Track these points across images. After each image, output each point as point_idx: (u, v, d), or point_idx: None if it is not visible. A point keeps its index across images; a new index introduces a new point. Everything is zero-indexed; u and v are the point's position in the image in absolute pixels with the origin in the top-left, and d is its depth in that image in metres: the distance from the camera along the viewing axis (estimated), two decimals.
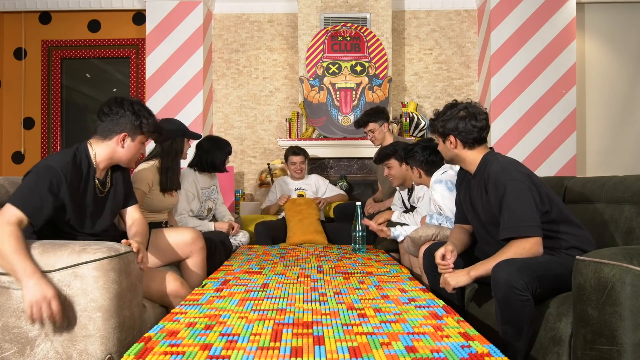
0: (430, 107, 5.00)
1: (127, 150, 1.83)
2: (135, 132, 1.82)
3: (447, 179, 2.43)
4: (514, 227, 1.65)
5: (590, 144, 4.92)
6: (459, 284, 1.72)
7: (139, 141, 1.85)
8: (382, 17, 4.70)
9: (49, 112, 5.17)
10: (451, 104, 1.92)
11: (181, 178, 2.95)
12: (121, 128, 1.79)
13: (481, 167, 1.86)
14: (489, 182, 1.77)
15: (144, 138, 1.87)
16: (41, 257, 1.46)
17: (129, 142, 1.82)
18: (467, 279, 1.72)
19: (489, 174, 1.78)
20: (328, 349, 1.20)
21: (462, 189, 2.03)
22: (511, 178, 1.71)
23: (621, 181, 1.97)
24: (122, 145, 1.81)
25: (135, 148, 1.85)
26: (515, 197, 1.67)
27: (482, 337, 1.30)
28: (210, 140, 3.11)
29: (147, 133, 1.85)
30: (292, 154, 3.86)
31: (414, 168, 2.63)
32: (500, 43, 4.57)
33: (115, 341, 1.46)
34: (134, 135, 1.82)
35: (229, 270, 2.26)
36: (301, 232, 3.28)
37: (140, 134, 1.84)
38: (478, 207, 1.89)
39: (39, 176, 1.65)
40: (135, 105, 1.83)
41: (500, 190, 1.71)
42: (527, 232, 1.64)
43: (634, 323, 1.22)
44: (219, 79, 5.11)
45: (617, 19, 4.90)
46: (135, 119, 1.80)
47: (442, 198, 2.41)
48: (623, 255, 1.28)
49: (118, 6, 5.05)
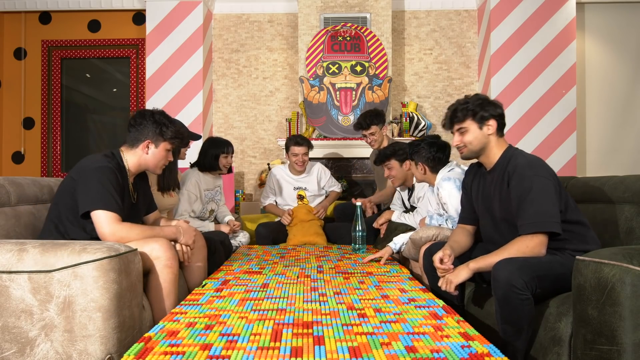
0: (430, 107, 5.00)
1: (152, 156, 1.99)
2: (158, 139, 1.98)
3: (455, 177, 2.40)
4: (540, 222, 1.64)
5: (590, 144, 4.92)
6: (461, 279, 1.71)
7: (163, 147, 2.01)
8: (382, 17, 4.70)
9: (49, 112, 5.17)
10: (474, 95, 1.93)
11: (184, 178, 2.95)
12: (145, 136, 1.97)
13: (502, 161, 1.86)
14: (514, 175, 1.75)
15: (168, 144, 2.02)
16: (41, 257, 1.46)
17: (153, 148, 1.99)
18: (467, 271, 1.71)
19: (514, 166, 1.77)
20: (328, 349, 1.20)
21: (474, 185, 2.01)
22: (538, 174, 1.71)
23: (621, 181, 1.97)
24: (146, 152, 1.98)
25: (160, 154, 2.01)
26: (542, 193, 1.67)
27: (482, 337, 1.30)
28: (209, 141, 3.11)
29: (168, 139, 2.00)
30: (294, 143, 3.42)
31: (418, 164, 2.57)
32: (500, 43, 4.57)
33: (115, 341, 1.46)
34: (157, 142, 1.98)
35: (229, 270, 2.26)
36: (301, 234, 3.28)
37: (163, 141, 2.00)
38: (494, 201, 1.87)
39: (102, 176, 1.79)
40: (157, 115, 2.00)
41: (525, 185, 1.70)
42: (551, 228, 1.64)
43: (634, 323, 1.22)
44: (219, 79, 5.11)
45: (617, 19, 4.91)
46: (156, 127, 1.97)
47: (450, 196, 2.37)
48: (623, 255, 1.28)
49: (118, 6, 5.05)
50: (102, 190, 1.77)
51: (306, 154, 3.45)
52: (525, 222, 1.67)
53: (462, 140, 1.91)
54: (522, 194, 1.70)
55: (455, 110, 1.92)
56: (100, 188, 1.77)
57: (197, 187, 2.97)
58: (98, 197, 1.76)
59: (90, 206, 1.76)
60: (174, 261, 1.82)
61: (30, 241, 1.55)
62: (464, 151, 1.92)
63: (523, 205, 1.69)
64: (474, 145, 1.89)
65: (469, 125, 1.89)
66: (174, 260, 1.82)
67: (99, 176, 1.79)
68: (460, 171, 2.45)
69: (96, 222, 1.77)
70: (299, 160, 3.43)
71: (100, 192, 1.77)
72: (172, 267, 1.81)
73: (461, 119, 1.90)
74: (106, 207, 1.76)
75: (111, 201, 1.78)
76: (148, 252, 1.78)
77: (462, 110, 1.89)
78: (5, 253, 1.46)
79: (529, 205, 1.67)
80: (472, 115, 1.87)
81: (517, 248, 1.65)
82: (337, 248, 3.07)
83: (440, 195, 2.45)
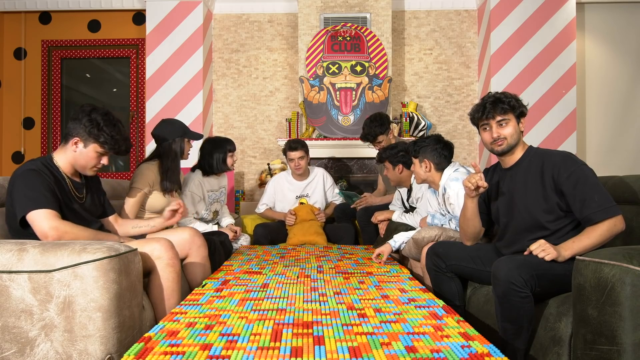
0: (430, 107, 5.00)
1: (80, 155, 1.86)
2: (88, 139, 1.85)
3: (462, 177, 2.37)
4: (611, 207, 1.63)
5: (590, 144, 4.92)
6: (562, 257, 1.62)
7: (93, 149, 1.86)
8: (382, 17, 4.70)
9: (49, 112, 5.17)
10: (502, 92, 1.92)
11: (186, 180, 2.94)
12: (75, 132, 1.85)
13: (526, 157, 1.87)
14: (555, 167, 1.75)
15: (98, 147, 1.87)
16: (41, 257, 1.46)
17: (82, 147, 1.86)
18: (570, 252, 1.63)
19: (553, 161, 1.76)
20: (328, 349, 1.20)
21: (493, 184, 1.99)
22: (582, 164, 1.73)
23: (621, 181, 1.98)
24: (74, 150, 1.86)
25: (89, 155, 1.87)
26: (596, 181, 1.68)
27: (482, 337, 1.30)
28: (209, 142, 3.08)
29: (99, 143, 1.86)
30: (288, 149, 3.42)
31: (423, 161, 2.50)
32: (500, 43, 4.57)
33: (115, 341, 1.46)
34: (86, 141, 1.85)
35: (229, 270, 2.26)
36: (301, 233, 3.28)
37: (93, 142, 1.86)
38: (519, 196, 1.84)
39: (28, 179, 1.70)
40: (95, 113, 1.86)
41: (579, 175, 1.69)
42: (618, 212, 1.64)
43: (634, 323, 1.22)
44: (219, 79, 5.11)
45: (617, 19, 4.91)
46: (89, 126, 1.83)
47: (457, 197, 2.34)
48: (623, 255, 1.28)
49: (118, 6, 5.05)
50: (31, 192, 1.68)
51: (302, 157, 3.41)
52: (595, 210, 1.63)
53: (503, 133, 1.85)
54: (578, 184, 1.68)
55: (499, 100, 1.85)
56: (28, 191, 1.68)
57: (201, 188, 2.95)
58: (26, 199, 1.67)
59: (24, 210, 1.67)
60: (176, 260, 1.82)
61: (30, 241, 1.55)
62: (503, 144, 1.86)
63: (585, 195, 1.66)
64: (513, 140, 1.86)
65: (511, 118, 1.86)
66: (176, 260, 1.82)
67: (24, 180, 1.71)
68: (465, 171, 2.44)
69: (33, 223, 1.67)
70: (296, 165, 3.41)
71: (28, 195, 1.67)
72: (174, 265, 1.81)
73: (506, 111, 1.84)
74: (39, 205, 1.67)
75: (42, 199, 1.68)
76: (149, 252, 1.78)
77: (507, 101, 1.85)
78: (5, 253, 1.47)
79: (592, 194, 1.65)
80: (513, 109, 1.85)
81: (607, 228, 1.61)
82: (337, 248, 3.07)
83: (447, 195, 2.43)
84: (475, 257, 1.97)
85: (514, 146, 1.87)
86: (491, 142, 1.89)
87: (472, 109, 1.96)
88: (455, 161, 2.56)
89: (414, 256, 2.45)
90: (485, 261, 1.92)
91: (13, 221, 1.75)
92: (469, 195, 1.92)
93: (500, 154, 1.91)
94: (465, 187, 1.89)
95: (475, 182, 1.84)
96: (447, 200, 2.44)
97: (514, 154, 1.90)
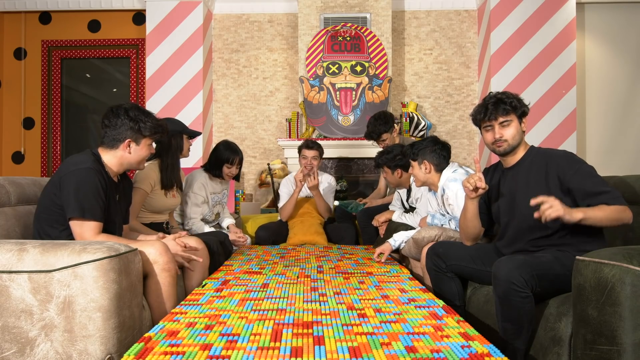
0: (430, 107, 5.00)
1: (135, 154, 1.94)
2: (138, 137, 1.93)
3: (460, 177, 2.38)
4: (621, 198, 1.64)
5: (590, 144, 4.92)
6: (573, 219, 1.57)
7: (145, 143, 1.96)
8: (382, 17, 4.70)
9: (49, 112, 5.17)
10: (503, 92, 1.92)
11: (190, 180, 2.93)
12: (124, 136, 1.90)
13: (528, 156, 1.87)
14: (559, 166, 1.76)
15: (148, 140, 1.97)
16: (41, 257, 1.46)
17: (135, 146, 1.93)
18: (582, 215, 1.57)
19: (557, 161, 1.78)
20: (328, 349, 1.20)
21: (494, 184, 1.99)
22: (583, 162, 1.76)
23: (621, 181, 1.98)
24: (129, 151, 1.92)
25: (142, 150, 1.96)
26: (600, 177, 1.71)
27: (482, 337, 1.30)
28: (222, 145, 3.00)
29: (149, 135, 1.95)
30: (305, 146, 3.42)
31: (423, 163, 2.50)
32: (500, 43, 4.57)
33: (115, 341, 1.46)
34: (137, 140, 1.93)
35: (229, 270, 2.26)
36: (302, 232, 3.28)
37: (143, 138, 1.94)
38: (521, 195, 1.84)
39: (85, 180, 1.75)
40: (131, 111, 1.92)
41: (580, 172, 1.71)
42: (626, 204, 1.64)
43: (634, 323, 1.22)
44: (219, 79, 5.11)
45: (617, 19, 4.91)
46: (134, 125, 1.90)
47: (456, 197, 2.34)
48: (623, 255, 1.28)
49: (118, 6, 5.05)
50: (86, 199, 1.73)
51: (316, 157, 3.39)
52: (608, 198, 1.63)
53: (505, 135, 1.84)
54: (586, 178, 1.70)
55: (501, 101, 1.84)
56: (83, 195, 1.73)
57: (204, 189, 2.93)
58: (80, 204, 1.72)
59: (74, 212, 1.73)
60: (172, 264, 1.81)
61: (30, 241, 1.55)
62: (504, 146, 1.85)
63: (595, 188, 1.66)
64: (515, 140, 1.85)
65: (513, 118, 1.84)
66: (171, 264, 1.80)
67: (83, 180, 1.75)
68: (463, 172, 2.44)
69: (80, 229, 1.74)
70: (307, 163, 3.37)
71: (83, 199, 1.72)
72: (170, 270, 1.79)
73: (508, 112, 1.83)
74: (92, 216, 1.74)
75: (97, 210, 1.75)
76: (145, 256, 1.77)
77: (509, 102, 1.83)
78: (5, 253, 1.47)
79: (601, 187, 1.66)
80: (515, 109, 1.83)
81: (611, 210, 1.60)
82: (337, 248, 3.07)
83: (446, 196, 2.43)
84: (475, 257, 1.97)
85: (515, 147, 1.87)
86: (492, 143, 1.89)
87: (474, 110, 1.95)
88: (453, 162, 2.57)
89: (414, 256, 2.45)
90: (486, 261, 1.92)
91: (49, 211, 1.80)
92: (469, 197, 1.92)
93: (501, 154, 1.91)
94: (465, 188, 1.89)
95: (474, 182, 1.84)
96: (446, 201, 2.44)
97: (515, 154, 1.90)
